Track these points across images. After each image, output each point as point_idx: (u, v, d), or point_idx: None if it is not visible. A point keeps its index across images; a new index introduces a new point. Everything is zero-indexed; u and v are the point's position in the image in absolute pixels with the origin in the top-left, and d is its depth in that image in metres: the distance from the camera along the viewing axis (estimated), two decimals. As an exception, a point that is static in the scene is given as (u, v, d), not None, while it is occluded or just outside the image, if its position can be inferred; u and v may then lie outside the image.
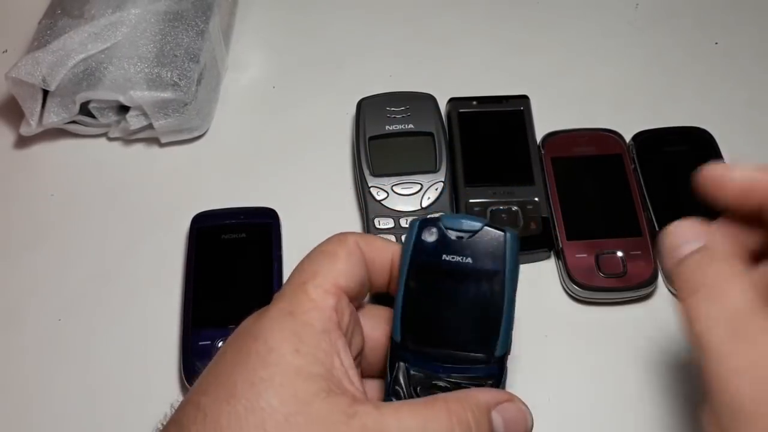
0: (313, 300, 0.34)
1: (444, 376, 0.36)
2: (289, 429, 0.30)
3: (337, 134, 0.63)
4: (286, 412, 0.31)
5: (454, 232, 0.36)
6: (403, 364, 0.36)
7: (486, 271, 0.35)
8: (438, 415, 0.32)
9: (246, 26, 0.71)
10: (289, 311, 0.34)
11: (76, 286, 0.55)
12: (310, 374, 0.32)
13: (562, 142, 0.59)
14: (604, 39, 0.70)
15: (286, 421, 0.30)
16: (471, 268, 0.35)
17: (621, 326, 0.53)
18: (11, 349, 0.53)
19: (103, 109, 0.61)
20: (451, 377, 0.36)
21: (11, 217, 0.59)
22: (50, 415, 0.50)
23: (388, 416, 0.32)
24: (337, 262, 0.36)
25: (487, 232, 0.36)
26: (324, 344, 0.33)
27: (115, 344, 0.53)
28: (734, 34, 0.69)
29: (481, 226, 0.36)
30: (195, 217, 0.56)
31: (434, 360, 0.36)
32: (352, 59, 0.69)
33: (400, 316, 0.36)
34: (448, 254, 0.36)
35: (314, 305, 0.34)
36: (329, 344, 0.33)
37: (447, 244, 0.36)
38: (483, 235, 0.36)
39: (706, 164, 0.36)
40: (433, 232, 0.36)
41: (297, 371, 0.32)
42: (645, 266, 0.53)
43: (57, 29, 0.61)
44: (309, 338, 0.33)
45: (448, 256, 0.36)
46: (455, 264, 0.35)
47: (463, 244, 0.36)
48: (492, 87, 0.64)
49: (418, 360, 0.36)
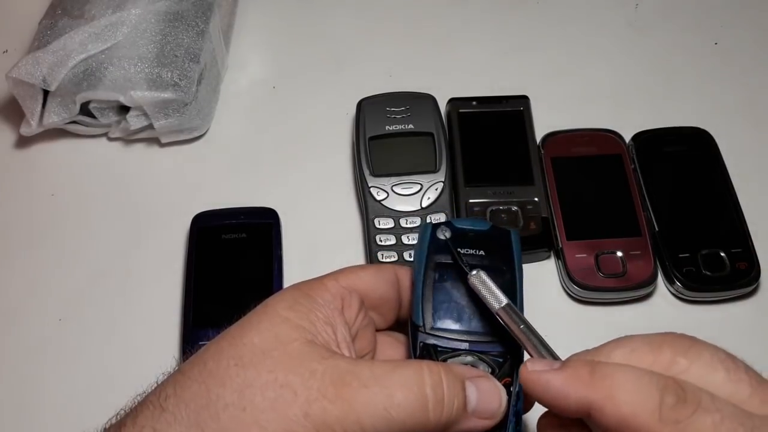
0: (324, 284, 0.37)
1: (466, 351, 0.38)
2: (264, 360, 0.33)
3: (337, 134, 0.63)
4: (263, 348, 0.33)
5: (465, 232, 0.40)
6: (428, 344, 0.38)
7: (498, 262, 0.39)
8: (411, 365, 0.34)
9: (246, 26, 0.71)
10: (299, 287, 0.37)
11: (76, 286, 0.55)
12: (296, 325, 0.34)
13: (562, 142, 0.60)
14: (604, 39, 0.70)
15: (263, 353, 0.33)
16: (485, 259, 0.39)
17: (621, 326, 0.52)
18: (11, 349, 0.53)
19: (104, 109, 0.61)
20: (473, 353, 0.38)
21: (11, 217, 0.60)
22: (50, 415, 0.50)
23: (362, 363, 0.34)
24: (362, 271, 0.39)
25: (494, 230, 0.41)
26: (319, 314, 0.35)
27: (115, 344, 0.53)
28: (734, 34, 0.69)
29: (489, 226, 0.41)
30: (195, 217, 0.56)
31: (457, 340, 0.38)
32: (352, 59, 0.69)
33: (421, 302, 0.39)
34: (463, 248, 0.39)
35: (323, 287, 0.37)
36: (324, 316, 0.35)
37: (461, 239, 0.40)
38: (491, 233, 0.41)
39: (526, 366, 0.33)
40: (447, 231, 0.40)
41: (283, 320, 0.34)
42: (644, 266, 0.53)
43: (57, 29, 0.61)
44: (305, 303, 0.35)
45: (463, 249, 0.39)
46: (470, 256, 0.39)
47: (475, 240, 0.40)
48: (492, 87, 0.64)
49: (441, 341, 0.38)
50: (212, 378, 0.32)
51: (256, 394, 0.32)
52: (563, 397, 0.31)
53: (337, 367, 0.33)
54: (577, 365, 0.32)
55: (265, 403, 0.31)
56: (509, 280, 0.39)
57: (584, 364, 0.31)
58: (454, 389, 0.34)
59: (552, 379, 0.31)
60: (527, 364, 0.33)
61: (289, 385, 0.32)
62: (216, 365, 0.33)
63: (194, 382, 0.32)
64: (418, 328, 0.38)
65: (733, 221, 0.55)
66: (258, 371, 0.32)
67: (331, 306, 0.36)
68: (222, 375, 0.32)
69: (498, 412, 0.35)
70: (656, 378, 0.29)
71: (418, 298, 0.39)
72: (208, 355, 0.34)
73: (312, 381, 0.32)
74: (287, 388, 0.32)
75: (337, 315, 0.36)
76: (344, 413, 0.31)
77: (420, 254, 0.40)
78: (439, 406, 0.33)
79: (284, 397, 0.31)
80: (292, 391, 0.32)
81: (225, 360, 0.33)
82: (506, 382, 0.37)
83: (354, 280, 0.38)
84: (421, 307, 0.39)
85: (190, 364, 0.34)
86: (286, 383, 0.32)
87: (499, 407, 0.35)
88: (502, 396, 0.35)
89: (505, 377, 0.37)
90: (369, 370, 0.33)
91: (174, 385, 0.33)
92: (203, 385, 0.32)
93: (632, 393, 0.29)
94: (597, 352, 0.33)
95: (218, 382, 0.32)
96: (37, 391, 0.51)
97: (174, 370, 0.35)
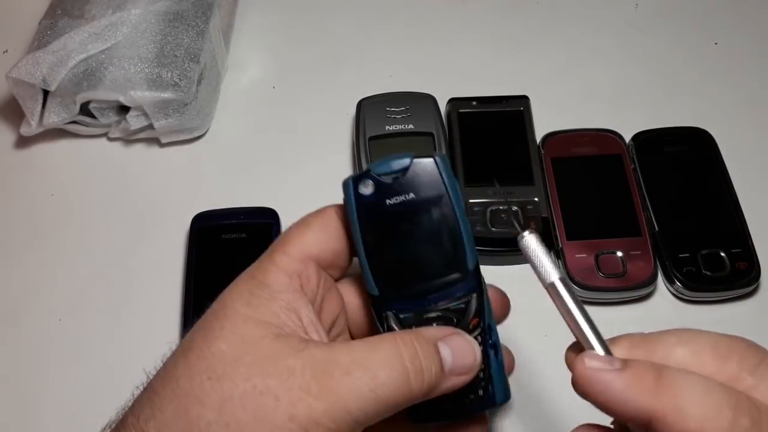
0: (277, 265, 0.35)
1: (432, 307, 0.36)
2: (237, 368, 0.31)
3: (337, 134, 0.63)
4: (233, 355, 0.32)
5: (387, 177, 0.36)
6: (391, 313, 0.37)
7: (431, 199, 0.36)
8: (385, 341, 0.33)
9: (246, 26, 0.71)
10: (252, 275, 0.35)
11: (76, 286, 0.55)
12: (260, 321, 0.33)
13: (561, 142, 0.60)
14: (604, 39, 0.70)
15: (235, 361, 0.32)
16: (417, 202, 0.36)
17: (620, 326, 0.52)
18: (11, 348, 0.53)
19: (104, 109, 0.61)
20: (439, 305, 0.36)
21: (11, 217, 0.60)
22: (50, 415, 0.50)
23: (338, 348, 0.33)
24: (308, 232, 0.37)
25: (417, 164, 0.36)
26: (279, 302, 0.34)
27: (115, 344, 0.53)
28: (734, 34, 0.69)
29: (410, 161, 0.36)
30: (195, 217, 0.56)
31: (416, 297, 0.37)
32: (352, 59, 0.69)
33: (370, 271, 0.37)
34: (391, 198, 0.36)
35: (276, 269, 0.35)
36: (285, 302, 0.34)
37: (385, 189, 0.36)
38: (415, 168, 0.36)
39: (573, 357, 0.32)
40: (369, 184, 0.36)
41: (245, 319, 0.33)
42: (644, 266, 0.53)
43: (57, 29, 0.61)
44: (262, 294, 0.34)
45: (391, 200, 0.36)
46: (401, 204, 0.36)
47: (400, 184, 0.36)
48: (492, 87, 0.64)
49: (402, 304, 0.37)
50: (188, 397, 0.31)
51: (237, 408, 0.31)
52: (623, 403, 0.29)
53: (314, 359, 0.32)
54: (642, 369, 0.29)
55: (247, 415, 0.30)
56: (448, 212, 0.36)
57: (650, 369, 0.29)
58: (430, 355, 0.33)
59: (613, 380, 0.30)
60: (584, 358, 0.31)
61: (268, 391, 0.31)
62: (189, 383, 0.32)
63: (170, 402, 0.31)
64: (376, 298, 0.37)
65: (733, 221, 0.55)
66: (234, 382, 0.31)
67: (290, 289, 0.35)
68: (198, 392, 0.31)
69: (474, 365, 0.35)
70: (728, 394, 0.28)
71: (365, 267, 0.37)
72: (179, 372, 0.32)
73: (292, 380, 0.31)
74: (267, 394, 0.31)
75: (299, 297, 0.35)
76: (331, 405, 0.31)
77: (351, 218, 0.37)
78: (419, 375, 0.33)
79: (266, 405, 0.31)
80: (273, 396, 0.31)
81: (197, 376, 0.32)
82: (475, 323, 0.36)
83: (304, 246, 0.36)
84: (371, 275, 0.36)
85: (162, 382, 0.32)
86: (265, 389, 0.31)
87: (474, 361, 0.35)
88: (475, 350, 0.35)
89: (474, 318, 0.36)
90: (347, 354, 0.32)
91: (150, 405, 0.32)
92: (181, 405, 0.31)
93: (703, 407, 0.28)
94: (655, 344, 0.31)
95: (196, 401, 0.31)
96: (36, 391, 0.51)
97: (145, 387, 0.33)
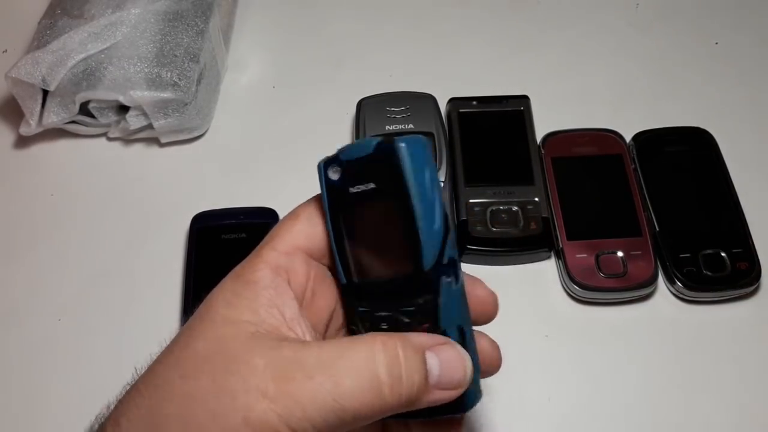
0: (264, 260, 0.34)
1: (384, 305, 0.34)
2: (204, 367, 0.30)
3: (337, 134, 0.63)
4: (206, 354, 0.31)
5: (352, 163, 0.34)
6: (354, 307, 0.35)
7: (390, 190, 0.33)
8: (360, 344, 0.31)
9: (246, 26, 0.71)
10: (238, 274, 0.34)
11: (76, 285, 0.55)
12: (237, 320, 0.32)
13: (562, 142, 0.59)
14: (604, 39, 0.70)
15: (205, 360, 0.31)
16: (376, 192, 0.33)
17: (621, 326, 0.53)
18: (11, 348, 0.53)
19: (103, 109, 0.61)
20: (391, 305, 0.34)
21: (11, 216, 0.59)
22: (50, 415, 0.50)
23: (310, 347, 0.31)
24: (296, 224, 0.35)
25: (381, 149, 0.33)
26: (261, 299, 0.33)
27: (114, 344, 0.53)
28: (734, 34, 0.69)
29: (373, 146, 0.33)
30: (195, 217, 0.56)
31: (374, 292, 0.34)
32: (352, 59, 0.69)
33: (338, 258, 0.35)
34: (353, 185, 0.34)
35: (263, 265, 0.34)
36: (267, 299, 0.33)
37: (349, 175, 0.34)
38: (377, 154, 0.33)
39: None
40: (337, 170, 0.34)
41: (224, 319, 0.32)
42: (645, 266, 0.53)
43: (57, 29, 0.61)
44: (244, 293, 0.33)
45: (353, 188, 0.34)
46: (361, 193, 0.33)
47: (363, 171, 0.33)
48: (492, 87, 0.64)
49: (363, 297, 0.35)
50: (161, 394, 0.31)
51: (198, 407, 0.30)
52: None
53: (280, 359, 0.30)
54: None
55: (206, 415, 0.29)
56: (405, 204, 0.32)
57: None
58: (414, 364, 0.30)
59: None
60: None
61: (227, 390, 0.29)
62: (164, 380, 0.31)
63: (146, 399, 0.31)
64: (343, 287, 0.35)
65: (734, 221, 0.55)
66: (198, 380, 0.30)
67: (274, 284, 0.33)
68: (169, 390, 0.31)
69: (463, 381, 0.32)
70: None
71: (334, 253, 0.35)
72: (159, 370, 0.32)
73: (252, 379, 0.29)
74: (225, 393, 0.29)
75: (282, 292, 0.33)
76: (288, 411, 0.29)
77: (323, 204, 0.35)
78: (396, 385, 0.30)
79: (224, 405, 0.29)
80: (230, 396, 0.29)
81: (172, 374, 0.31)
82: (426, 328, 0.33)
83: (293, 240, 0.35)
84: (339, 263, 0.34)
85: (144, 381, 0.32)
86: (225, 388, 0.29)
87: (464, 377, 0.32)
88: (467, 365, 0.32)
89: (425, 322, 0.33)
90: (316, 356, 0.30)
91: (130, 402, 0.31)
92: (154, 403, 0.31)
93: None
94: None
95: (166, 398, 0.30)
96: (36, 392, 0.51)
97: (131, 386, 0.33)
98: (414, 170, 0.32)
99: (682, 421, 0.48)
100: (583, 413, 0.49)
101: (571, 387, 0.50)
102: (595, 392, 0.50)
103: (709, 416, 0.49)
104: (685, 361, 0.51)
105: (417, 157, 0.32)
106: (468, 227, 0.55)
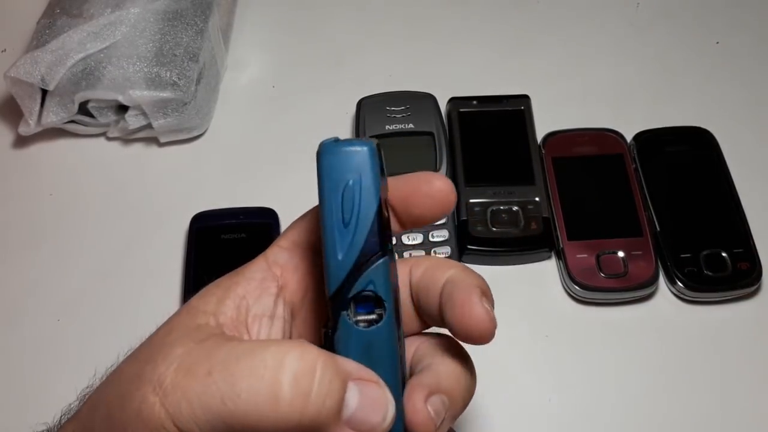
0: (264, 255, 0.33)
1: None
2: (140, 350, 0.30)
3: (337, 134, 0.62)
4: (151, 340, 0.30)
5: None
6: None
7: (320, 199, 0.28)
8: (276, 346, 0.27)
9: (245, 25, 0.71)
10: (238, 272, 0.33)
11: (75, 286, 0.55)
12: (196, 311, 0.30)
13: (562, 141, 0.59)
14: (604, 39, 0.69)
15: (147, 347, 0.30)
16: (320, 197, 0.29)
17: (621, 326, 0.53)
18: (11, 348, 0.52)
19: (102, 109, 0.61)
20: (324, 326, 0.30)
21: (10, 217, 0.59)
22: (49, 415, 0.50)
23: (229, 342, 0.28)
24: (302, 221, 0.34)
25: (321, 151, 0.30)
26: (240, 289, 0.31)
27: (114, 344, 0.52)
28: (735, 33, 0.69)
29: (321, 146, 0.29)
30: (194, 217, 0.56)
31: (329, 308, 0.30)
32: (352, 59, 0.68)
33: None
34: None
35: (261, 259, 0.33)
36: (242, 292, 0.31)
37: None
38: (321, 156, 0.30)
39: None
40: None
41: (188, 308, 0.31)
42: (646, 266, 0.53)
43: (56, 28, 0.61)
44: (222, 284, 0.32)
45: None
46: None
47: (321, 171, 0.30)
48: (492, 87, 0.64)
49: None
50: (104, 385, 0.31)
51: (114, 390, 0.29)
52: None
53: (196, 351, 0.27)
54: None
55: (117, 400, 0.28)
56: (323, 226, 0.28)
57: None
58: (331, 386, 0.26)
59: None
60: None
61: (136, 377, 0.27)
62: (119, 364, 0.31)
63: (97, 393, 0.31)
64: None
65: (735, 221, 0.55)
66: (128, 363, 0.29)
67: (258, 277, 0.32)
68: (114, 370, 0.31)
69: (379, 427, 0.28)
70: None
71: None
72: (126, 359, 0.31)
73: (159, 369, 0.27)
74: (132, 381, 0.27)
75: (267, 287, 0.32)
76: (177, 409, 0.26)
77: None
78: (299, 401, 0.26)
79: (129, 393, 0.27)
80: (135, 385, 0.27)
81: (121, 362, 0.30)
82: None
83: (294, 236, 0.33)
84: None
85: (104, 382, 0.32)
86: (138, 375, 0.27)
87: (382, 422, 0.28)
88: (389, 411, 0.28)
89: None
90: (227, 352, 0.27)
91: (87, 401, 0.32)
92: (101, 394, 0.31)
93: None
94: None
95: (109, 378, 0.31)
96: (35, 392, 0.50)
97: None
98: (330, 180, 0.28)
99: (683, 421, 0.48)
100: (584, 413, 0.49)
101: (571, 387, 0.50)
102: (595, 392, 0.50)
103: (709, 416, 0.48)
104: (685, 362, 0.51)
105: (335, 169, 0.28)
106: (468, 227, 0.55)
